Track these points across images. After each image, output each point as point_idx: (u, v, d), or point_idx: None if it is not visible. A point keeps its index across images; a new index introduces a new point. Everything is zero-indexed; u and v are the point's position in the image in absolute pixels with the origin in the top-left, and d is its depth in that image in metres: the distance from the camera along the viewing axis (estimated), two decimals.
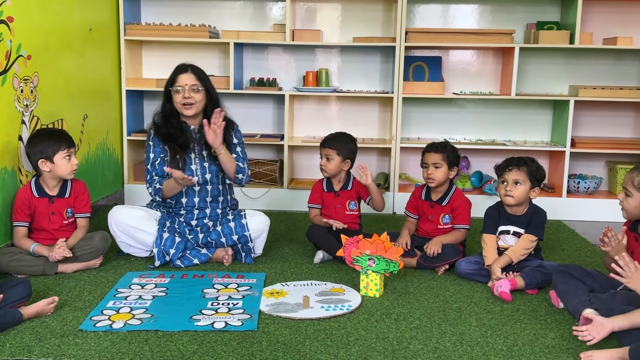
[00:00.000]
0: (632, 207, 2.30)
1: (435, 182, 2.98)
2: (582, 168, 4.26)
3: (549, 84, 4.23)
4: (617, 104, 4.14)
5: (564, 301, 2.40)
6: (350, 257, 2.60)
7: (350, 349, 2.06)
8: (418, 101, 4.25)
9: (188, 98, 2.86)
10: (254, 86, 4.16)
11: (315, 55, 4.31)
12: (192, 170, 2.92)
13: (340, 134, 3.17)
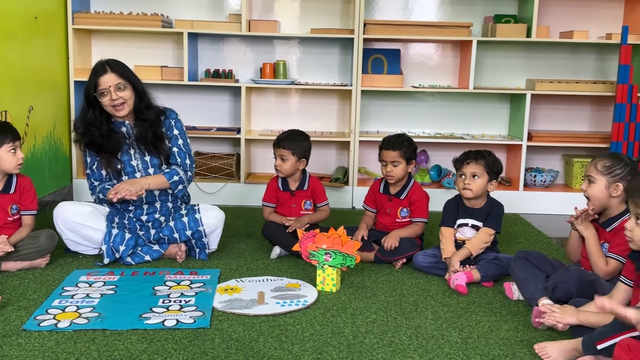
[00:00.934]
0: (596, 192, 2.38)
1: (394, 179, 3.01)
2: (539, 161, 4.36)
3: (507, 78, 4.31)
4: (574, 97, 4.24)
5: (521, 288, 2.46)
6: (307, 251, 2.60)
7: (305, 344, 2.07)
8: (377, 94, 4.28)
9: (116, 99, 2.78)
10: (209, 78, 4.12)
11: (273, 47, 4.29)
12: (133, 167, 2.86)
13: (293, 133, 3.15)
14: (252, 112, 4.34)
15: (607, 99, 4.21)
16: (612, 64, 4.23)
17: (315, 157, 4.24)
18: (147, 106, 2.86)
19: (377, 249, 2.95)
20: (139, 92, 2.84)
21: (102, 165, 2.84)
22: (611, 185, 2.36)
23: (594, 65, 4.29)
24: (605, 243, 2.39)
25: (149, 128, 2.84)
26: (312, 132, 4.19)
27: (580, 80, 4.15)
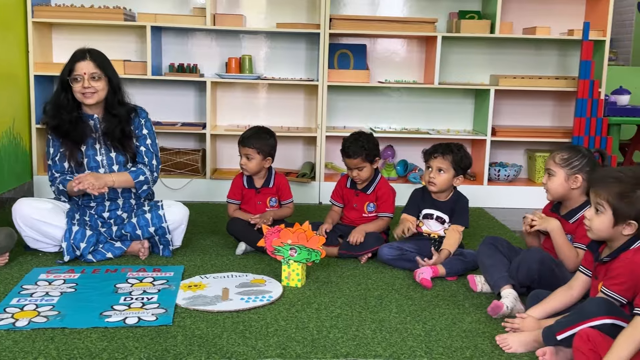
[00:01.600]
0: (556, 185, 2.43)
1: (361, 180, 3.02)
2: (503, 156, 4.43)
3: (471, 73, 4.36)
4: (536, 93, 4.31)
5: (486, 274, 2.50)
6: (272, 247, 2.59)
7: (269, 340, 2.06)
8: (343, 89, 4.28)
9: (88, 87, 2.73)
10: (173, 72, 4.07)
11: (239, 41, 4.26)
12: (98, 162, 2.81)
13: (258, 130, 3.12)
14: (218, 107, 4.31)
15: (569, 94, 4.28)
16: (574, 59, 4.31)
17: (281, 153, 4.23)
18: (120, 102, 2.82)
19: (342, 244, 2.95)
20: (113, 86, 2.80)
21: (65, 157, 2.78)
22: (570, 177, 2.41)
23: (557, 61, 4.36)
24: (569, 235, 2.43)
25: (117, 124, 2.80)
26: (278, 128, 4.19)
27: (543, 76, 4.22)
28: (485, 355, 2.00)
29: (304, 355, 1.96)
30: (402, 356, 1.98)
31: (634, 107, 4.36)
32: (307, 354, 1.97)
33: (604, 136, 3.99)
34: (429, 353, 2.00)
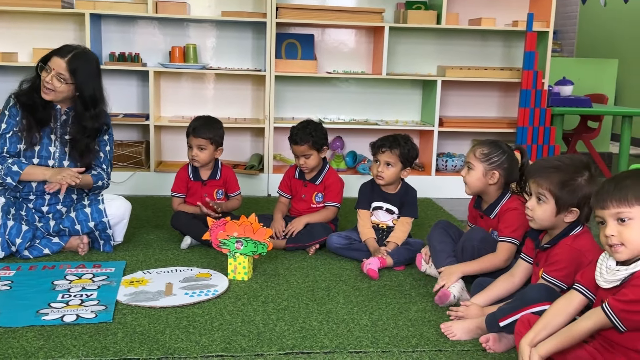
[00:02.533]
0: (474, 179, 2.47)
1: (309, 169, 3.03)
2: (450, 147, 4.51)
3: (419, 64, 4.41)
4: (483, 84, 4.40)
5: (435, 257, 2.55)
6: (217, 240, 2.57)
7: (214, 334, 2.04)
8: (291, 80, 4.27)
9: (48, 83, 2.65)
10: (114, 62, 3.97)
11: (184, 30, 4.19)
12: (50, 152, 2.73)
13: (208, 120, 3.08)
14: (162, 97, 4.23)
15: (514, 85, 4.39)
16: (519, 51, 4.41)
17: (229, 144, 4.18)
18: (92, 117, 2.73)
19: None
20: (84, 98, 2.71)
21: (18, 137, 2.68)
22: (488, 173, 2.45)
23: (502, 52, 4.46)
24: (495, 231, 2.49)
25: (85, 138, 2.74)
26: (225, 119, 4.14)
27: (489, 67, 4.30)
28: (430, 344, 2.03)
29: (249, 349, 1.95)
30: (348, 347, 1.99)
31: (577, 98, 4.50)
32: (252, 348, 1.96)
33: (547, 126, 4.10)
34: (375, 343, 2.03)
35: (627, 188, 1.61)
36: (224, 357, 1.91)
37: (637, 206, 1.60)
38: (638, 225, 1.60)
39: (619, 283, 1.62)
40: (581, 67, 5.74)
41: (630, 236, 1.61)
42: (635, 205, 1.60)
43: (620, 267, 1.63)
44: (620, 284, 1.62)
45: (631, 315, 1.55)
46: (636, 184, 1.61)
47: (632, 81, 7.15)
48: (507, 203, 2.46)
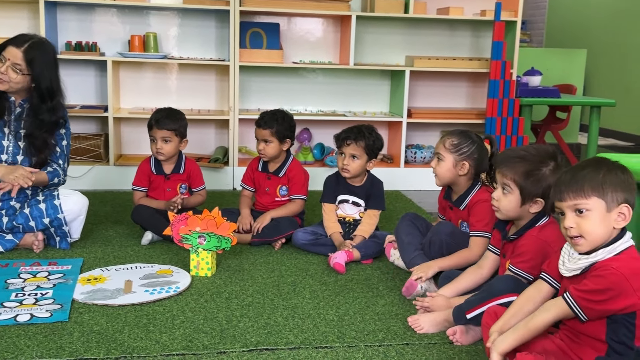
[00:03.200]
0: (444, 170, 2.48)
1: (267, 157, 3.00)
2: (419, 138, 4.53)
3: (387, 54, 4.42)
4: (451, 74, 4.43)
5: (402, 250, 2.56)
6: (179, 235, 2.54)
7: (175, 332, 2.02)
8: (257, 70, 4.24)
9: (3, 74, 2.58)
10: (71, 51, 3.89)
11: (144, 18, 4.12)
12: (4, 146, 2.66)
13: (170, 111, 3.04)
14: (122, 88, 4.16)
15: (482, 75, 4.43)
16: (487, 41, 4.45)
17: (192, 137, 4.13)
18: (49, 110, 2.67)
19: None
20: (40, 91, 2.64)
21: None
22: (458, 164, 2.47)
23: (470, 42, 4.49)
24: (464, 222, 2.51)
25: (42, 133, 2.68)
26: (188, 110, 4.09)
27: (457, 57, 4.33)
28: (397, 337, 2.04)
29: (211, 347, 1.93)
30: (314, 342, 1.99)
31: (546, 88, 4.56)
32: (214, 345, 1.94)
33: (516, 117, 4.15)
34: (341, 338, 2.03)
35: (584, 179, 1.62)
36: (186, 355, 1.88)
37: (594, 197, 1.61)
38: (596, 216, 1.61)
39: (579, 272, 1.64)
40: (550, 58, 5.82)
41: (588, 228, 1.62)
42: (592, 196, 1.61)
43: (582, 255, 1.65)
44: (581, 273, 1.64)
45: (592, 305, 1.58)
46: (593, 175, 1.62)
47: (600, 71, 7.28)
48: (477, 194, 2.48)
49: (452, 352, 1.96)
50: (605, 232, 1.61)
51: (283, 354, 1.91)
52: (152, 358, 1.86)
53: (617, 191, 1.60)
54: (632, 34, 6.83)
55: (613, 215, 1.61)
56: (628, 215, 1.61)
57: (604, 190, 1.60)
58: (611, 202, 1.60)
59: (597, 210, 1.61)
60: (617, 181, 1.61)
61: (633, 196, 1.63)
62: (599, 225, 1.61)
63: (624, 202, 1.61)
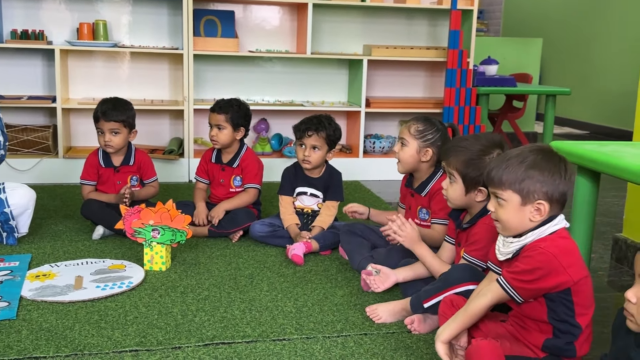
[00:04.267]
0: (407, 156, 2.50)
1: (218, 144, 2.97)
2: (378, 128, 4.56)
3: (345, 43, 4.43)
4: (409, 63, 4.47)
5: (350, 259, 2.57)
6: (131, 229, 2.50)
7: (128, 328, 1.99)
8: (212, 59, 4.19)
9: None
10: (16, 39, 3.78)
11: (93, 5, 4.03)
12: None
13: (117, 102, 2.98)
14: (71, 78, 4.07)
15: (440, 64, 4.48)
16: (444, 29, 4.50)
17: (146, 128, 4.10)
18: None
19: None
20: None
21: None
22: (422, 150, 2.48)
23: (427, 31, 4.54)
24: (423, 208, 2.54)
25: None
26: (141, 101, 4.04)
27: (415, 46, 4.37)
28: (356, 328, 2.06)
29: (165, 342, 1.92)
30: (271, 335, 1.99)
31: (502, 77, 4.64)
32: (169, 341, 1.93)
33: (473, 106, 4.22)
34: (299, 330, 2.03)
35: (505, 170, 1.64)
36: (139, 351, 1.86)
37: (509, 191, 1.64)
38: (510, 208, 1.65)
39: (511, 256, 1.68)
40: (506, 47, 5.93)
41: (502, 216, 1.67)
42: (508, 190, 1.64)
43: (514, 239, 1.69)
44: (512, 257, 1.68)
45: (524, 284, 1.62)
46: (515, 167, 1.63)
47: (556, 60, 7.45)
48: (439, 182, 2.49)
49: (410, 340, 1.98)
50: (519, 223, 1.65)
51: (240, 348, 1.91)
52: (104, 355, 1.83)
53: (536, 187, 1.62)
54: (587, 23, 7.00)
55: (528, 209, 1.63)
56: (544, 211, 1.62)
57: (522, 185, 1.62)
58: (527, 197, 1.63)
59: (512, 203, 1.65)
60: (540, 177, 1.62)
61: (562, 188, 1.63)
62: (513, 216, 1.65)
63: (543, 198, 1.62)
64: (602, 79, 6.76)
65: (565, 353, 1.65)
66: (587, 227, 2.02)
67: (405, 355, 1.90)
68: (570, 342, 1.64)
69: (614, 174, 1.80)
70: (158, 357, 1.84)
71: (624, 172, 1.76)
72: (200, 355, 1.86)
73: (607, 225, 3.36)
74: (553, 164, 1.64)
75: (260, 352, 1.89)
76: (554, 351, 1.66)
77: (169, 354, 1.86)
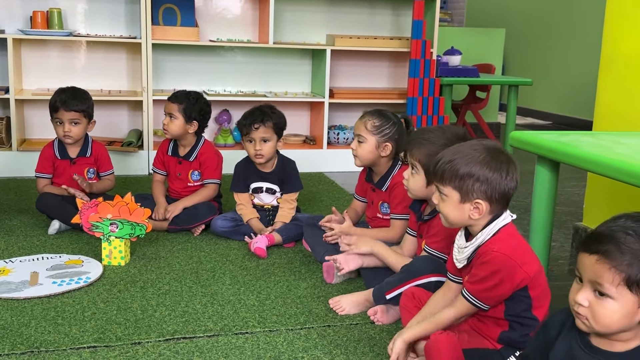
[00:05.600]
0: (366, 152, 2.50)
1: (168, 133, 2.93)
2: (342, 119, 4.58)
3: (308, 33, 4.42)
4: (373, 53, 4.49)
5: (313, 252, 2.58)
6: (89, 223, 2.47)
7: (86, 324, 1.98)
8: (171, 48, 4.15)
9: None
10: None
11: None
12: None
13: (76, 91, 2.93)
14: (24, 68, 3.98)
15: (403, 54, 4.51)
16: (407, 19, 4.53)
17: (104, 120, 4.04)
18: None
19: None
20: None
21: None
22: (381, 145, 2.49)
23: (391, 21, 4.57)
24: (385, 203, 2.56)
25: None
26: (98, 91, 3.98)
27: (378, 36, 4.40)
28: (319, 320, 2.08)
29: (125, 338, 1.91)
30: (234, 328, 2.00)
31: (465, 68, 4.70)
32: (129, 336, 1.92)
33: (436, 97, 4.27)
34: (262, 323, 2.04)
35: (448, 164, 1.66)
36: (97, 347, 1.85)
37: (449, 187, 1.66)
38: (450, 203, 1.67)
39: (467, 262, 1.70)
40: (469, 37, 6.00)
41: (444, 210, 1.69)
42: (448, 185, 1.66)
43: (467, 243, 1.70)
44: (468, 263, 1.70)
45: (487, 293, 1.63)
46: (458, 163, 1.65)
47: (518, 51, 7.57)
48: (397, 175, 2.51)
49: (373, 331, 2.01)
50: (459, 219, 1.68)
51: (201, 342, 1.91)
52: (61, 352, 1.81)
53: (475, 186, 1.63)
54: (550, 13, 7.14)
55: (467, 207, 1.65)
56: (482, 210, 1.64)
57: (461, 183, 1.64)
58: (466, 195, 1.64)
59: (452, 199, 1.67)
60: (480, 176, 1.63)
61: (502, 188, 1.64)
62: (453, 211, 1.68)
63: (481, 198, 1.63)
64: (564, 70, 6.91)
65: (522, 345, 1.68)
66: (546, 216, 2.07)
67: (368, 345, 1.93)
68: (526, 334, 1.68)
69: (572, 163, 1.85)
70: (117, 353, 1.83)
71: (581, 161, 1.81)
72: (160, 350, 1.85)
73: (568, 214, 3.45)
74: (496, 163, 1.64)
75: (223, 346, 1.89)
76: (510, 343, 1.69)
77: (128, 349, 1.85)
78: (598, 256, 1.20)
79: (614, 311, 1.20)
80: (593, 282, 1.22)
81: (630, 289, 1.19)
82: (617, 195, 2.64)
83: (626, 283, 1.19)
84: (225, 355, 1.84)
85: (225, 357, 1.83)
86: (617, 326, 1.22)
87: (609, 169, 1.70)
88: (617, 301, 1.20)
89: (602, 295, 1.21)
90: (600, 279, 1.20)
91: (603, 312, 1.21)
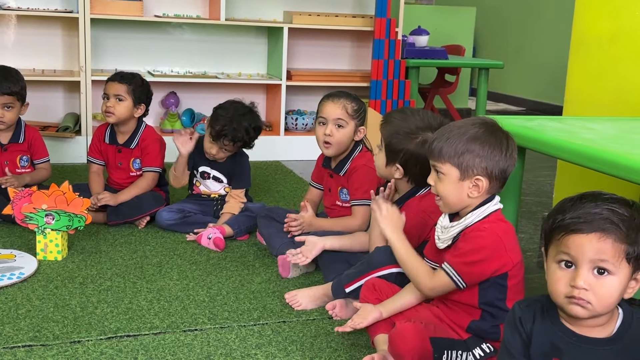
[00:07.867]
0: (345, 138, 2.55)
1: (113, 117, 2.93)
2: (300, 103, 4.63)
3: (263, 9, 4.46)
4: (334, 32, 4.55)
5: (268, 245, 2.64)
6: (22, 214, 2.48)
7: (20, 323, 2.00)
8: (112, 24, 4.14)
9: None
10: None
11: None
12: None
13: (6, 72, 2.90)
14: None
15: (367, 34, 4.58)
16: None
17: (37, 102, 4.00)
18: None
19: (109, 210, 2.88)
20: None
21: None
22: (357, 130, 2.57)
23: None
24: (344, 189, 2.63)
25: None
26: (30, 70, 3.96)
27: (340, 14, 4.46)
28: (274, 315, 2.14)
29: (63, 336, 1.94)
30: (182, 325, 2.05)
31: (433, 49, 4.80)
32: (67, 335, 1.95)
33: (402, 79, 4.36)
34: (212, 319, 2.10)
35: (446, 141, 1.74)
36: (33, 347, 1.88)
37: (448, 164, 1.74)
38: (449, 182, 1.75)
39: (451, 242, 1.78)
40: (438, 16, 6.11)
41: (441, 190, 1.77)
42: (447, 163, 1.74)
43: (453, 223, 1.79)
44: (453, 242, 1.78)
45: (470, 267, 1.72)
46: (456, 140, 1.72)
47: (490, 31, 7.71)
48: (357, 158, 2.56)
49: (331, 327, 2.08)
50: (458, 198, 1.76)
51: (147, 340, 1.95)
52: None
53: (475, 161, 1.71)
54: None
55: (466, 184, 1.74)
56: (482, 187, 1.73)
57: (460, 159, 1.72)
58: (466, 172, 1.73)
59: (451, 177, 1.75)
60: (480, 151, 1.71)
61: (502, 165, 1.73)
62: (451, 190, 1.76)
63: (482, 174, 1.72)
64: (539, 52, 7.06)
65: (490, 336, 1.77)
66: (513, 205, 2.17)
67: (325, 341, 2.00)
68: (496, 324, 1.77)
69: (537, 148, 1.95)
70: (55, 352, 1.86)
71: (546, 147, 1.91)
72: (102, 349, 1.89)
73: (539, 205, 3.58)
74: (495, 139, 1.73)
75: (170, 344, 1.94)
76: (479, 333, 1.78)
77: (67, 348, 1.88)
78: (600, 233, 1.29)
79: (615, 287, 1.30)
80: (594, 261, 1.30)
81: (628, 262, 1.29)
82: (586, 184, 2.76)
83: (626, 255, 1.29)
84: (173, 353, 1.89)
85: (172, 355, 1.88)
86: (615, 303, 1.32)
87: (574, 155, 1.80)
88: (616, 276, 1.30)
89: (601, 274, 1.30)
90: (605, 255, 1.29)
91: (606, 290, 1.30)
